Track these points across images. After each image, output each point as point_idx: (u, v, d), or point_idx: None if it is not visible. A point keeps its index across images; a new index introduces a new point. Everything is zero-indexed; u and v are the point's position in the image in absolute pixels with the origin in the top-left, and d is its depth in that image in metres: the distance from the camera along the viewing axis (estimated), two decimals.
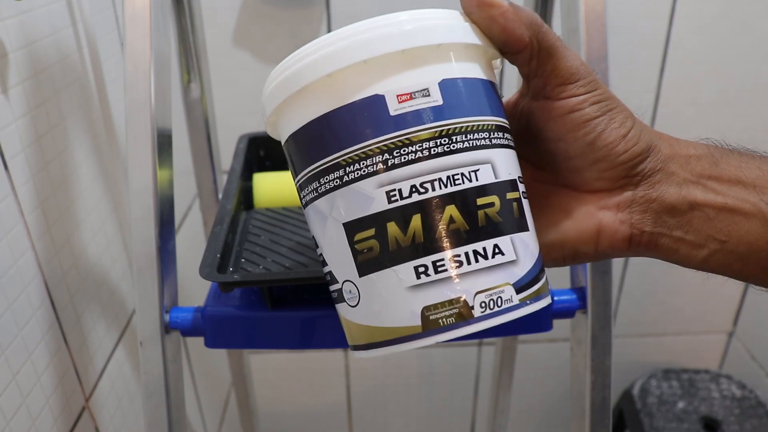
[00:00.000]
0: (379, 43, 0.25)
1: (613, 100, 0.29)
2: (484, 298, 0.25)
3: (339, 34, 0.26)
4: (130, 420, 0.67)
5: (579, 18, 0.45)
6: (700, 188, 0.29)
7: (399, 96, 0.26)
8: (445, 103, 0.26)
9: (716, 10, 0.90)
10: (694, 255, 0.29)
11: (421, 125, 0.26)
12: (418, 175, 0.25)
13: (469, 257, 0.25)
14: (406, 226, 0.25)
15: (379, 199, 0.26)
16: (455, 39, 0.27)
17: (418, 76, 0.26)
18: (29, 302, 0.48)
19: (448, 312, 0.25)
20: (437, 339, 0.25)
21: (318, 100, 0.27)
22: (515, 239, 0.26)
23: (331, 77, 0.26)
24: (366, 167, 0.26)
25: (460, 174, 0.26)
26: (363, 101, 0.26)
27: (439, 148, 0.26)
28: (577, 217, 0.30)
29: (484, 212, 0.26)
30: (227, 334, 0.45)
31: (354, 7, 0.88)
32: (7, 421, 0.44)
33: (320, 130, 0.27)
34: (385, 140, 0.26)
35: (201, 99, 0.70)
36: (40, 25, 0.51)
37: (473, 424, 1.25)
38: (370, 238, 0.26)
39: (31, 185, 0.49)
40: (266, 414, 1.19)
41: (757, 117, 0.99)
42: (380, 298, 0.26)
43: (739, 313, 1.16)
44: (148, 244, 0.43)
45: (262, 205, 0.57)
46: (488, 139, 0.27)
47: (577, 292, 0.48)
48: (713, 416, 1.08)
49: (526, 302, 0.26)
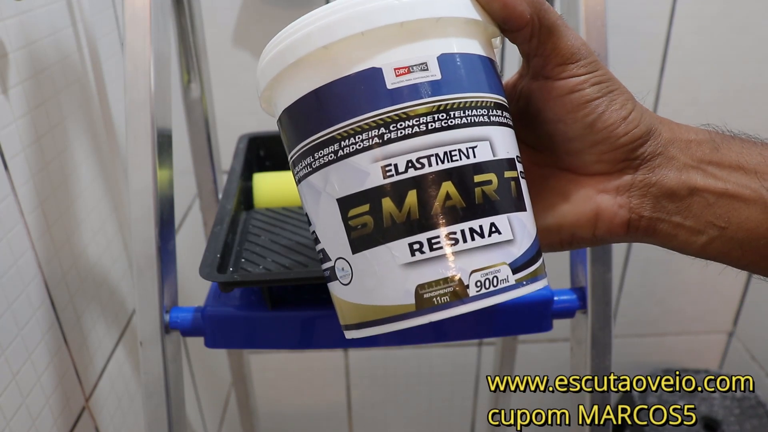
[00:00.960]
0: (378, 14, 0.25)
1: (613, 82, 0.29)
2: (480, 277, 0.25)
3: (336, 5, 0.26)
4: (130, 420, 0.67)
5: (579, 18, 0.45)
6: (700, 173, 0.29)
7: (396, 69, 0.25)
8: (444, 77, 0.25)
9: (716, 10, 0.90)
10: (692, 241, 0.29)
11: (419, 99, 0.25)
12: (415, 150, 0.25)
13: (465, 235, 0.25)
14: (402, 202, 0.25)
15: (374, 174, 0.25)
16: (455, 13, 0.26)
17: (417, 49, 0.25)
18: (29, 302, 0.48)
19: (443, 290, 0.25)
20: (431, 318, 0.25)
21: (314, 73, 0.26)
22: (512, 218, 0.26)
23: (328, 49, 0.25)
24: (361, 141, 0.25)
25: (458, 150, 0.25)
26: (360, 74, 0.25)
27: (436, 123, 0.25)
28: (575, 200, 0.30)
29: (482, 190, 0.25)
30: (227, 334, 0.45)
31: None
32: (7, 421, 0.44)
33: (315, 103, 0.26)
34: (382, 114, 0.25)
35: (201, 99, 0.70)
36: (40, 25, 0.51)
37: (473, 424, 1.25)
38: (365, 214, 0.25)
39: (31, 185, 0.49)
40: (266, 414, 1.19)
41: (757, 117, 0.98)
42: (373, 276, 0.26)
43: (739, 313, 1.16)
44: (148, 244, 0.43)
45: (262, 205, 0.57)
46: (487, 116, 0.26)
47: (577, 292, 0.48)
48: (713, 416, 1.08)
49: (522, 283, 0.26)
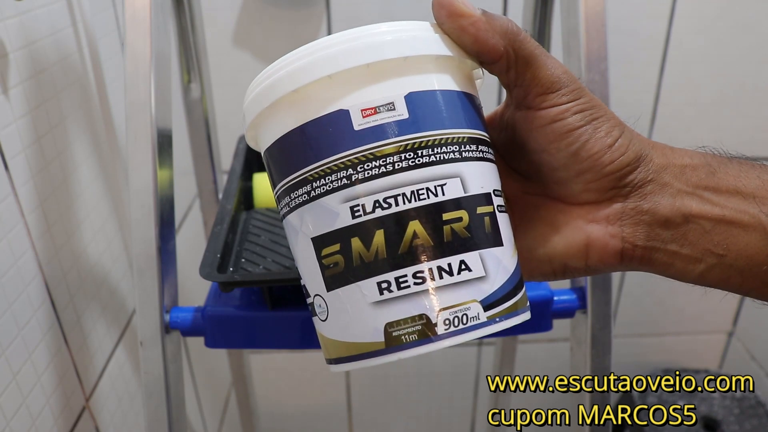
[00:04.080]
0: (345, 57, 0.25)
1: (598, 109, 0.28)
2: (449, 315, 0.25)
3: (307, 48, 0.26)
4: (130, 420, 0.67)
5: (579, 18, 0.45)
6: (695, 199, 0.28)
7: (363, 110, 0.25)
8: (412, 116, 0.25)
9: (716, 10, 0.90)
10: (690, 270, 0.28)
11: (386, 140, 0.25)
12: (382, 190, 0.25)
13: (434, 273, 0.25)
14: (370, 241, 0.25)
15: (343, 215, 0.25)
16: (424, 51, 0.26)
17: (384, 89, 0.26)
18: (29, 302, 0.48)
19: (411, 329, 0.25)
20: (399, 356, 0.25)
21: (287, 116, 0.27)
22: (485, 255, 0.26)
23: (298, 93, 0.26)
24: (331, 182, 0.26)
25: (425, 188, 0.25)
26: (328, 116, 0.26)
27: (403, 163, 0.25)
28: (564, 230, 0.29)
29: (451, 227, 0.25)
30: (227, 334, 0.45)
31: (354, 7, 0.88)
32: (7, 421, 0.44)
33: (290, 145, 0.27)
34: (350, 155, 0.25)
35: (201, 99, 0.70)
36: (40, 25, 0.51)
37: (473, 424, 1.25)
38: (336, 254, 0.26)
39: (31, 185, 0.49)
40: (266, 414, 1.19)
41: (757, 117, 0.99)
42: (346, 314, 0.26)
43: (739, 313, 1.16)
44: (148, 244, 0.43)
45: (262, 205, 0.57)
46: (458, 152, 0.26)
47: (577, 292, 0.48)
48: (713, 416, 1.08)
49: (495, 319, 0.25)
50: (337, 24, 0.89)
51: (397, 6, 0.87)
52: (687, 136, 0.97)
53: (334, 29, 0.89)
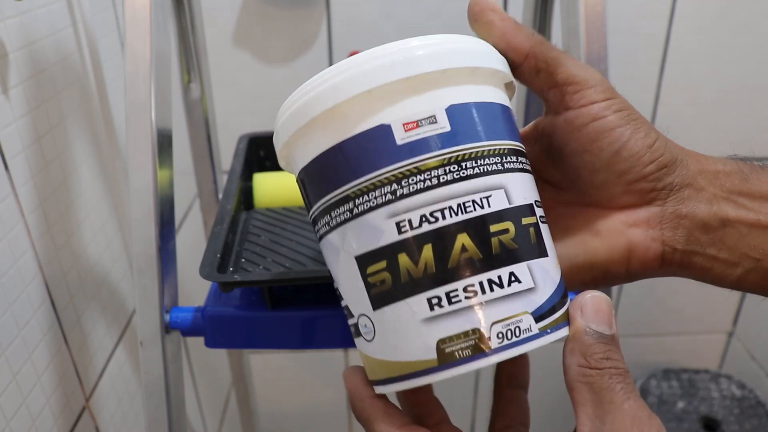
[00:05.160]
0: (383, 71, 0.25)
1: (633, 110, 0.29)
2: (502, 328, 0.24)
3: (343, 64, 0.26)
4: (130, 420, 0.67)
5: (579, 18, 0.45)
6: (731, 204, 0.28)
7: (405, 125, 0.25)
8: (454, 129, 0.25)
9: (716, 10, 0.90)
10: (728, 274, 0.28)
11: (429, 153, 0.25)
12: (428, 204, 0.25)
13: (484, 286, 0.24)
14: (418, 256, 0.25)
15: (389, 231, 0.25)
16: (462, 63, 0.26)
17: (424, 103, 0.25)
18: (29, 302, 0.48)
19: (464, 344, 0.24)
20: (454, 373, 0.25)
21: (324, 133, 0.26)
22: (533, 266, 0.25)
23: (336, 110, 0.26)
24: (375, 198, 0.25)
25: (471, 201, 0.25)
26: (369, 132, 0.25)
27: (448, 176, 0.25)
28: (605, 236, 0.29)
29: (498, 239, 0.25)
30: (227, 334, 0.45)
31: (354, 7, 0.88)
32: (7, 421, 0.44)
33: (328, 163, 0.26)
34: (393, 170, 0.25)
35: (201, 99, 0.70)
36: (40, 25, 0.51)
37: (473, 424, 1.25)
38: (382, 271, 0.25)
39: (31, 185, 0.49)
40: (266, 414, 1.19)
41: (757, 117, 0.99)
42: (395, 332, 0.26)
43: (739, 313, 1.16)
44: (148, 244, 0.43)
45: (262, 205, 0.57)
46: (501, 163, 0.26)
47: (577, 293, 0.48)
48: (713, 416, 1.08)
49: (546, 331, 0.25)
50: (337, 24, 0.89)
51: (397, 6, 0.87)
52: (687, 136, 0.97)
53: (334, 29, 0.89)
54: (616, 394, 0.24)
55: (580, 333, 0.25)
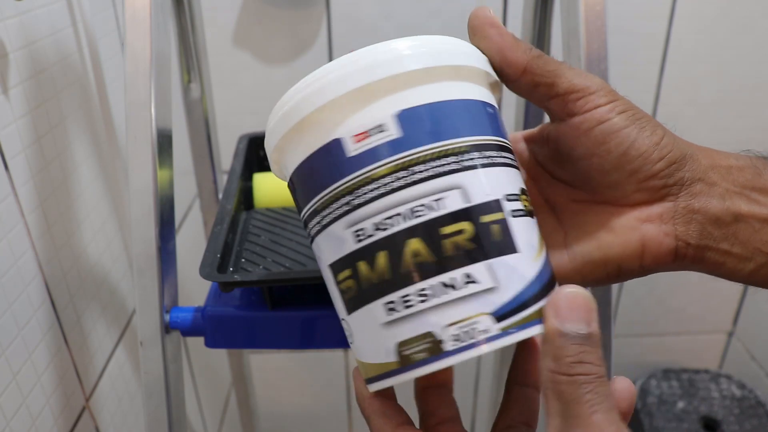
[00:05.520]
0: (333, 86, 0.25)
1: (638, 109, 0.29)
2: (456, 330, 0.24)
3: (302, 83, 0.26)
4: (130, 420, 0.67)
5: (579, 18, 0.45)
6: (744, 199, 0.28)
7: (355, 136, 0.26)
8: (404, 134, 0.25)
9: (716, 10, 0.90)
10: (740, 268, 0.29)
11: (379, 162, 0.25)
12: (380, 212, 0.25)
13: (436, 290, 0.25)
14: (373, 263, 0.25)
15: (349, 240, 0.26)
16: (414, 66, 0.26)
17: (374, 111, 0.26)
18: (29, 302, 0.48)
19: (420, 347, 0.25)
20: (413, 375, 0.25)
21: (294, 151, 0.28)
22: (494, 264, 0.25)
23: (298, 129, 0.27)
24: (335, 210, 0.26)
25: (422, 205, 0.25)
26: (325, 147, 0.26)
27: (396, 183, 0.25)
28: (619, 232, 0.29)
29: (452, 241, 0.25)
30: (227, 334, 0.45)
31: (354, 7, 0.88)
32: (7, 421, 0.44)
33: (300, 179, 0.28)
34: (347, 182, 0.26)
35: (201, 99, 0.70)
36: (40, 25, 0.51)
37: (473, 424, 1.25)
38: (348, 278, 0.26)
39: (31, 185, 0.49)
40: (266, 414, 1.19)
41: (757, 117, 0.99)
42: (364, 336, 0.27)
43: (739, 313, 1.16)
44: (148, 244, 0.43)
45: (262, 205, 0.57)
46: (457, 162, 0.26)
47: None
48: (713, 416, 1.08)
49: (509, 331, 0.25)
50: (337, 24, 0.89)
51: (397, 6, 0.87)
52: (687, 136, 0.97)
53: (334, 29, 0.89)
54: (583, 406, 0.23)
55: (553, 333, 0.24)
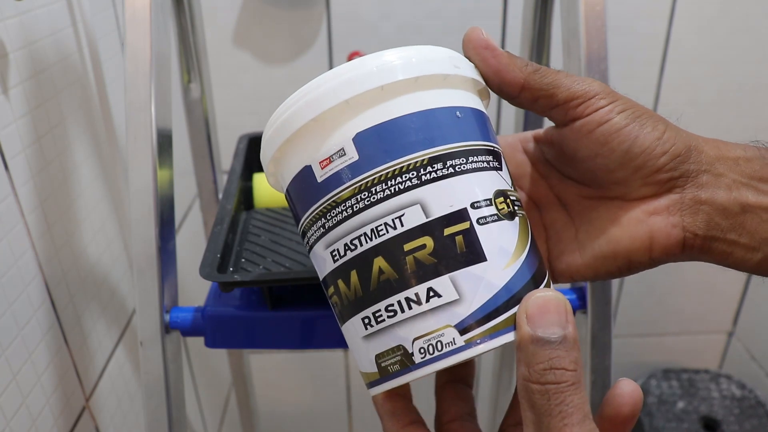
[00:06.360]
0: (297, 115, 0.27)
1: (638, 107, 0.29)
2: (423, 343, 0.25)
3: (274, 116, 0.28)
4: (130, 420, 0.67)
5: (579, 18, 0.45)
6: (751, 190, 0.28)
7: (321, 162, 0.27)
8: (362, 156, 0.26)
9: (716, 10, 0.90)
10: (748, 258, 0.29)
11: (342, 185, 0.26)
12: (348, 233, 0.26)
13: (402, 305, 0.25)
14: (348, 281, 0.27)
15: (328, 260, 0.27)
16: (363, 88, 0.26)
17: (335, 137, 0.26)
18: (29, 302, 0.48)
19: (393, 359, 0.26)
20: (391, 385, 0.26)
21: (280, 179, 0.30)
22: (458, 276, 0.25)
23: (276, 160, 0.29)
24: (314, 232, 0.28)
25: (383, 224, 0.26)
26: (299, 174, 0.28)
27: (359, 204, 0.26)
28: (627, 225, 0.30)
29: (413, 257, 0.25)
30: (227, 334, 0.45)
31: (354, 7, 0.88)
32: (7, 421, 0.44)
33: (290, 203, 0.30)
34: (320, 206, 0.27)
35: (201, 99, 0.70)
36: (40, 25, 0.51)
37: None
38: (333, 295, 0.28)
39: (31, 185, 0.49)
40: (266, 414, 1.19)
41: (757, 117, 0.99)
42: (352, 346, 0.28)
43: (739, 313, 1.16)
44: (148, 244, 0.43)
45: (262, 205, 0.57)
46: (416, 177, 0.25)
47: (577, 292, 0.48)
48: (713, 416, 1.08)
49: (474, 342, 0.25)
50: (337, 24, 0.89)
51: (397, 6, 0.87)
52: None
53: (334, 29, 0.89)
54: (554, 419, 0.23)
55: (524, 340, 0.24)
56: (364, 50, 0.84)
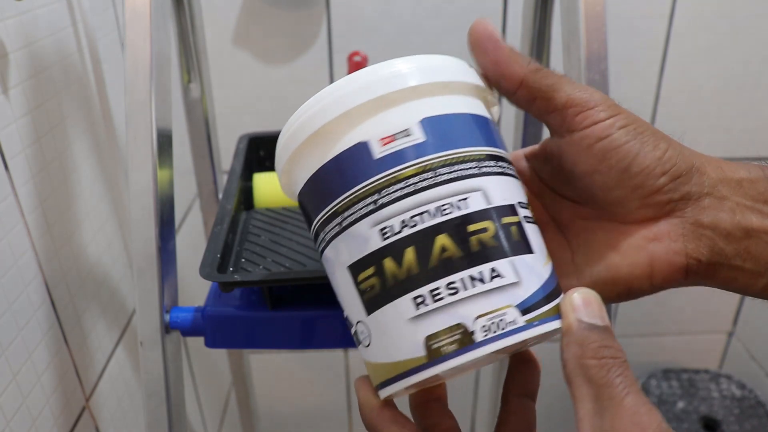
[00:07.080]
0: (357, 94, 0.27)
1: (640, 123, 0.28)
2: (486, 321, 0.25)
3: (325, 91, 0.28)
4: (130, 420, 0.67)
5: (579, 18, 0.45)
6: (756, 214, 0.27)
7: (382, 139, 0.27)
8: (428, 139, 0.27)
9: (716, 10, 0.90)
10: (753, 284, 0.28)
11: (405, 163, 0.27)
12: (407, 210, 0.26)
13: (465, 283, 0.26)
14: (401, 259, 0.26)
15: (374, 238, 0.27)
16: (433, 79, 0.28)
17: (399, 117, 0.27)
18: (29, 302, 0.48)
19: (450, 339, 0.25)
20: (443, 368, 0.26)
21: (312, 157, 0.29)
22: (516, 261, 0.26)
23: (319, 133, 0.28)
24: (359, 210, 0.27)
25: (448, 204, 0.26)
26: (349, 150, 0.27)
27: (423, 183, 0.27)
28: (626, 251, 0.29)
29: (477, 238, 0.26)
30: (227, 334, 0.45)
31: (354, 7, 0.88)
32: (7, 421, 0.44)
33: (317, 183, 0.29)
34: (374, 182, 0.27)
35: (201, 99, 0.70)
36: (40, 25, 0.51)
37: (473, 424, 1.25)
38: (371, 276, 0.27)
39: (31, 185, 0.49)
40: (266, 414, 1.19)
41: (757, 117, 0.99)
42: (387, 334, 0.27)
43: (739, 313, 1.16)
44: (148, 244, 0.43)
45: (262, 205, 0.57)
46: (477, 168, 0.27)
47: None
48: (713, 416, 1.08)
49: (533, 323, 0.26)
50: (337, 24, 0.89)
51: (397, 6, 0.87)
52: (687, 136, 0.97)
53: (334, 29, 0.89)
54: (616, 389, 0.24)
55: (574, 325, 0.25)
56: (364, 50, 0.84)
